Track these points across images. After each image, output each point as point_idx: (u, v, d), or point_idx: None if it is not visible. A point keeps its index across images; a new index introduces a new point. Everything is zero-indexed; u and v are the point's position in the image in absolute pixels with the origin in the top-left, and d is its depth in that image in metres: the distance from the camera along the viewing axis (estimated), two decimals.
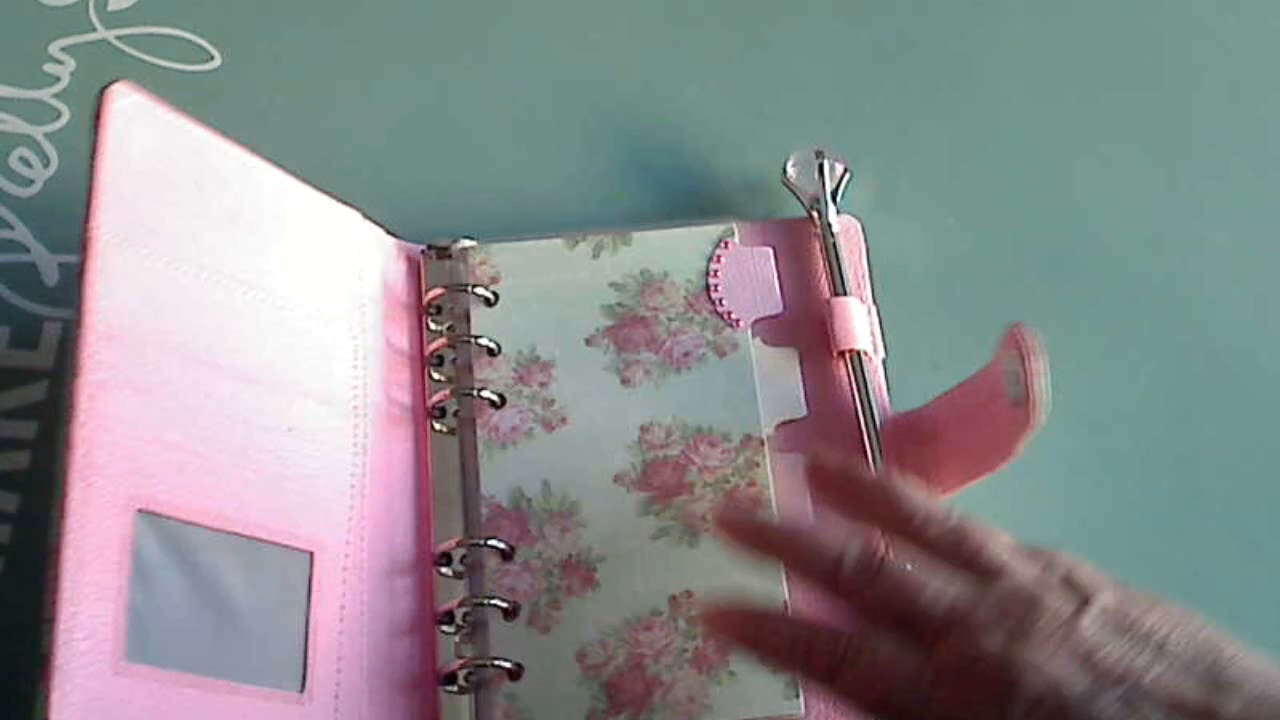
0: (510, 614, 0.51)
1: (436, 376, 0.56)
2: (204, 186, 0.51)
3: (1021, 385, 0.47)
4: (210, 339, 0.49)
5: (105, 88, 0.48)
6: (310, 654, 0.48)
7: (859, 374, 0.56)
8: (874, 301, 0.58)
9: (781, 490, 0.54)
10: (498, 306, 0.57)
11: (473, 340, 0.56)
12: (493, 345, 0.56)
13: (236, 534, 0.47)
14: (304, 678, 0.47)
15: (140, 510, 0.45)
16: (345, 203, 0.56)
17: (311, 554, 0.49)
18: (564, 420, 0.55)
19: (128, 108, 0.49)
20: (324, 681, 0.48)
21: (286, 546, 0.49)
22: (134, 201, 0.48)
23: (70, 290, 0.58)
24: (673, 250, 0.58)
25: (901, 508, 0.44)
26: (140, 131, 0.49)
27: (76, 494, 0.43)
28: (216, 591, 0.46)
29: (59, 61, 0.64)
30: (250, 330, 0.51)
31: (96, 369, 0.45)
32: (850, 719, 0.42)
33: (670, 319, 0.57)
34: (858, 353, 0.56)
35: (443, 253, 0.58)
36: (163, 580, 0.45)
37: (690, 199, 0.61)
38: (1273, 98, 0.64)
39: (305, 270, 0.53)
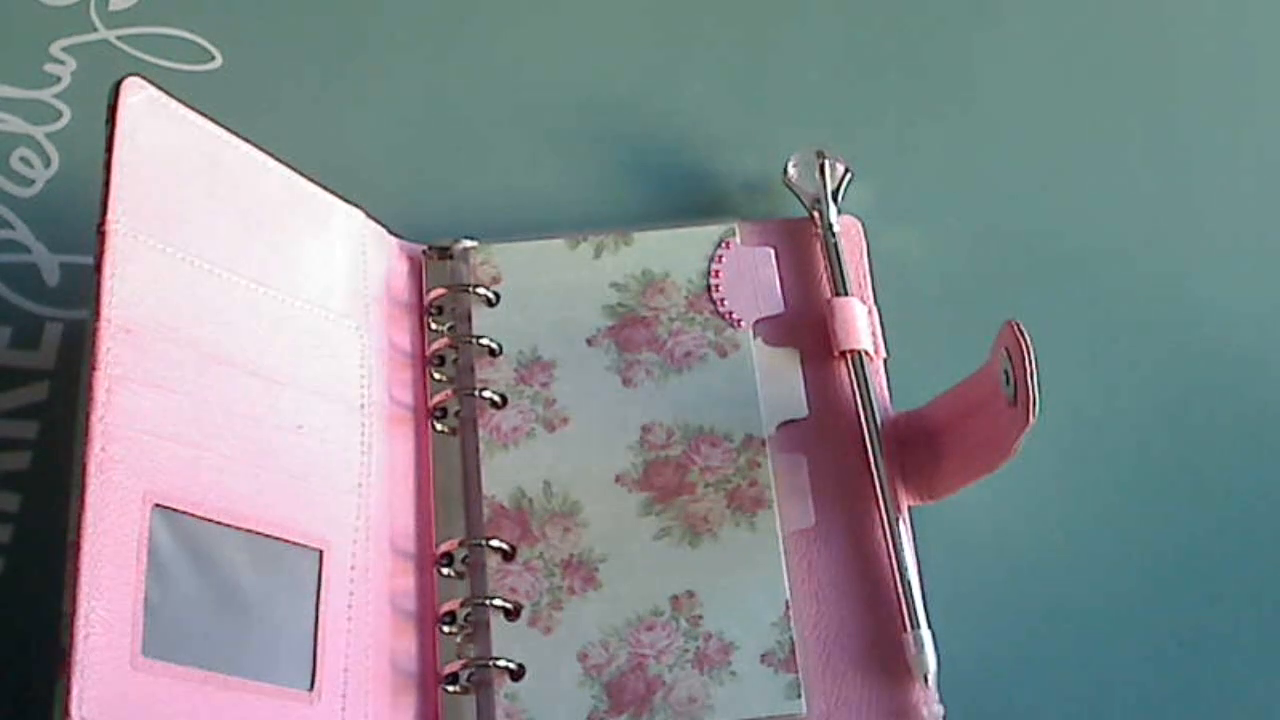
0: (512, 614, 0.51)
1: (438, 376, 0.56)
2: (215, 182, 0.51)
3: (1014, 383, 0.47)
4: (223, 335, 0.49)
5: (120, 81, 0.48)
6: (319, 652, 0.48)
7: (860, 374, 0.56)
8: (875, 301, 0.58)
9: (783, 491, 0.54)
10: (499, 307, 0.57)
11: (474, 340, 0.56)
12: (494, 345, 0.56)
13: (249, 531, 0.47)
14: (313, 676, 0.47)
15: (156, 505, 0.45)
16: (348, 202, 0.56)
17: (321, 552, 0.49)
18: (565, 420, 0.55)
19: (141, 102, 0.49)
20: (332, 680, 0.48)
21: (297, 544, 0.49)
22: (148, 196, 0.48)
23: (71, 290, 0.59)
24: (674, 250, 0.58)
25: None
26: (153, 126, 0.49)
27: (94, 487, 0.43)
28: (230, 588, 0.46)
29: (60, 61, 0.64)
30: (261, 327, 0.51)
31: (114, 363, 0.45)
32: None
33: (671, 319, 0.57)
34: (859, 353, 0.56)
35: (444, 253, 0.58)
36: (178, 576, 0.45)
37: (691, 199, 0.61)
38: (1274, 99, 0.64)
39: (312, 267, 0.54)
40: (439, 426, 0.55)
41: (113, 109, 0.48)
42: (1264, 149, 0.63)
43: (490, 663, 0.50)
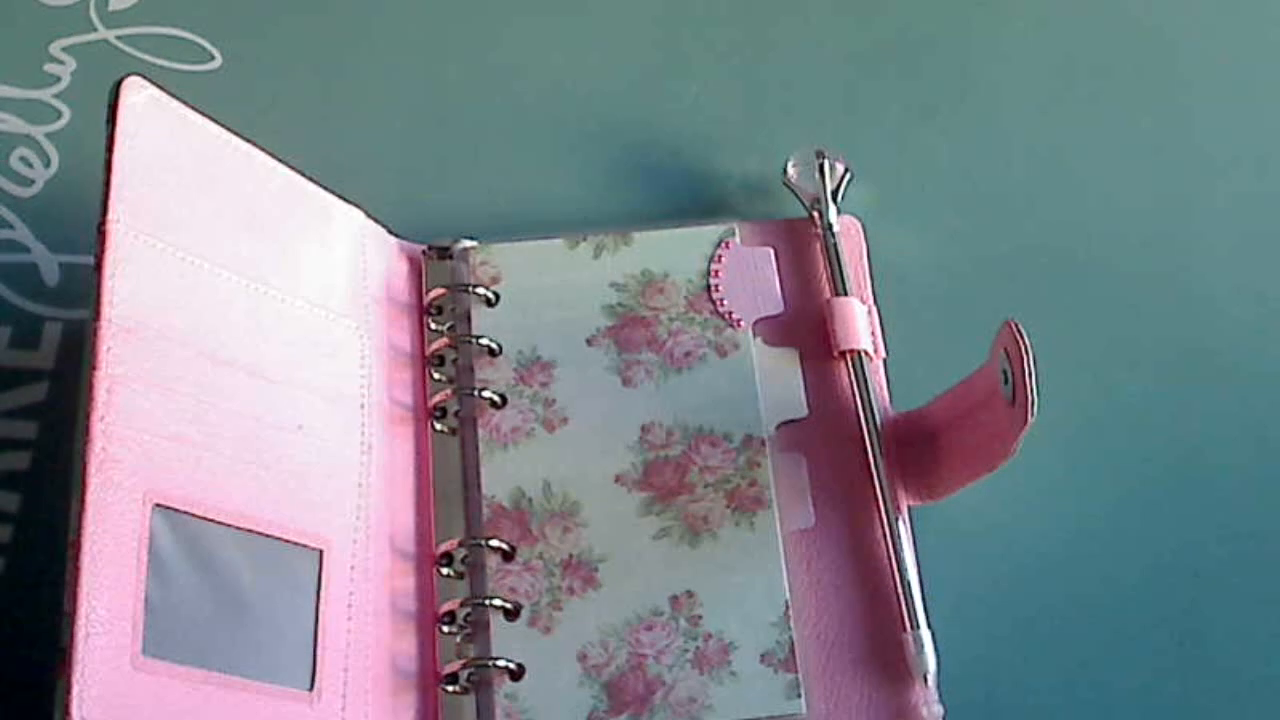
0: (511, 614, 0.51)
1: (437, 376, 0.56)
2: (216, 181, 0.51)
3: (1013, 383, 0.47)
4: (223, 335, 0.49)
5: (120, 81, 0.48)
6: (319, 652, 0.48)
7: (860, 374, 0.56)
8: (875, 301, 0.58)
9: (783, 491, 0.54)
10: (499, 307, 0.57)
11: (474, 340, 0.56)
12: (494, 345, 0.56)
13: (249, 531, 0.47)
14: (313, 676, 0.47)
15: (157, 505, 0.45)
16: (348, 202, 0.56)
17: (321, 552, 0.49)
18: (565, 420, 0.55)
19: (142, 101, 0.49)
20: (332, 680, 0.48)
21: (297, 544, 0.49)
22: (148, 195, 0.48)
23: (71, 290, 0.59)
24: (674, 250, 0.58)
25: None
26: (154, 125, 0.49)
27: (94, 487, 0.43)
28: (230, 588, 0.46)
29: (59, 61, 0.64)
30: (261, 326, 0.51)
31: (114, 363, 0.45)
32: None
33: (671, 319, 0.57)
34: (859, 352, 0.56)
35: (444, 253, 0.58)
36: (178, 576, 0.45)
37: (691, 199, 0.61)
38: (1273, 100, 0.64)
39: (312, 267, 0.54)
40: (439, 426, 0.55)
41: (113, 109, 0.48)
42: (1264, 148, 0.63)
43: (490, 663, 0.50)
